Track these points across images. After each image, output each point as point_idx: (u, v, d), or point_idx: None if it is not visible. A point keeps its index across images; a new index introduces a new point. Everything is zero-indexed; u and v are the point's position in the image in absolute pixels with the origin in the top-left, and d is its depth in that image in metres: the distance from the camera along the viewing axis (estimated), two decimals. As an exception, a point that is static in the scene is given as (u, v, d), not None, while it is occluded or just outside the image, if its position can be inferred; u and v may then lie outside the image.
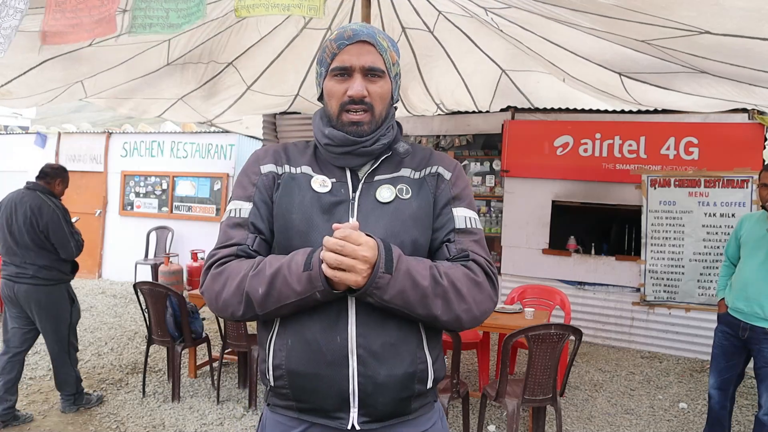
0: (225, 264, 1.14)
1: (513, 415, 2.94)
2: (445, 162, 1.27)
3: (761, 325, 2.84)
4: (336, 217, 1.15)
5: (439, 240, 1.19)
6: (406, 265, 1.06)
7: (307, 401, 1.13)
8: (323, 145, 1.21)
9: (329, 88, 1.19)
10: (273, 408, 1.20)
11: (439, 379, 1.20)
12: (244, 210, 1.20)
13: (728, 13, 2.09)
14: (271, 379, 1.16)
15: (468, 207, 1.23)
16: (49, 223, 3.46)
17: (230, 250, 1.16)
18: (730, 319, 3.01)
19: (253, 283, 1.08)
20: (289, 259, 1.08)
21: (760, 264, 2.86)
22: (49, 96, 4.16)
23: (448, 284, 1.08)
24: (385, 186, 1.19)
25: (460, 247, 1.17)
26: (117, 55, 3.75)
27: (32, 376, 4.30)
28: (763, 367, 2.86)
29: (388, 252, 1.05)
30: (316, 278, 1.03)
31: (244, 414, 3.71)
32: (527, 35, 3.71)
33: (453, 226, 1.19)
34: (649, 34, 2.65)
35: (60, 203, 3.62)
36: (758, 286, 2.84)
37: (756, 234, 2.95)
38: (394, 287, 1.04)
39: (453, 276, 1.10)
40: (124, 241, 8.51)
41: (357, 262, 1.01)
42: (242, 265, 1.12)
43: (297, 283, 1.05)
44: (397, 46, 1.25)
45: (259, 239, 1.18)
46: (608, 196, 5.61)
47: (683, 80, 3.44)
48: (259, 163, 1.25)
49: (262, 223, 1.19)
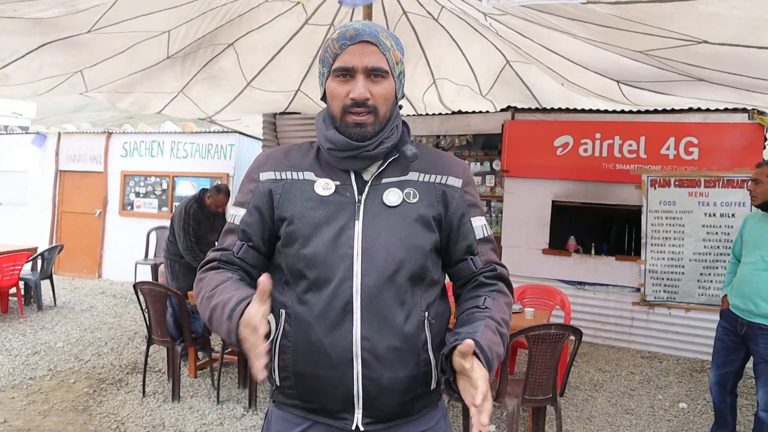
0: (207, 272, 1.20)
1: (513, 415, 2.94)
2: (454, 168, 1.25)
3: (756, 321, 2.90)
4: (341, 220, 1.14)
5: (462, 251, 1.22)
6: (495, 352, 1.08)
7: (312, 401, 1.14)
8: (326, 149, 1.20)
9: (332, 89, 1.17)
10: (279, 405, 1.21)
11: (442, 379, 1.20)
12: (238, 216, 1.22)
13: (726, 22, 2.09)
14: (277, 379, 1.17)
15: (481, 214, 1.26)
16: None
17: (217, 254, 1.21)
18: (730, 315, 3.09)
19: (203, 306, 1.13)
20: (228, 298, 1.07)
21: (755, 262, 2.94)
22: (48, 84, 4.11)
23: (505, 326, 1.15)
24: (392, 189, 1.17)
25: (486, 259, 1.22)
26: (115, 44, 3.74)
27: (32, 376, 4.30)
28: (760, 362, 2.91)
29: (486, 357, 1.05)
30: (231, 332, 1.03)
31: (244, 414, 3.70)
32: (525, 41, 3.72)
33: (474, 237, 1.22)
34: (646, 44, 2.64)
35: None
36: (753, 284, 2.92)
37: (755, 233, 3.03)
38: (491, 375, 1.06)
39: (504, 315, 1.17)
40: (124, 241, 8.50)
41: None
42: (214, 279, 1.16)
43: (222, 324, 1.05)
44: (402, 44, 1.23)
45: (246, 247, 1.20)
46: (608, 196, 5.60)
47: (681, 88, 3.44)
48: (260, 169, 1.25)
49: (250, 231, 1.20)
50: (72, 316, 6.20)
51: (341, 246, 1.11)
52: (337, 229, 1.13)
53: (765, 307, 2.86)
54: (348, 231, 1.12)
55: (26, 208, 9.29)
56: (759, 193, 2.95)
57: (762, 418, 2.94)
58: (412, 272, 1.13)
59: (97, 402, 3.85)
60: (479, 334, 1.07)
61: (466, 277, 1.23)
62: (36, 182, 9.20)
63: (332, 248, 1.12)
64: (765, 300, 2.86)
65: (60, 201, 9.10)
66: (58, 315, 6.24)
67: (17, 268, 5.97)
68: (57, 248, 6.71)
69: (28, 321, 5.92)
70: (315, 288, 1.12)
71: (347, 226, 1.13)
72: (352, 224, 1.13)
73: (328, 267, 1.11)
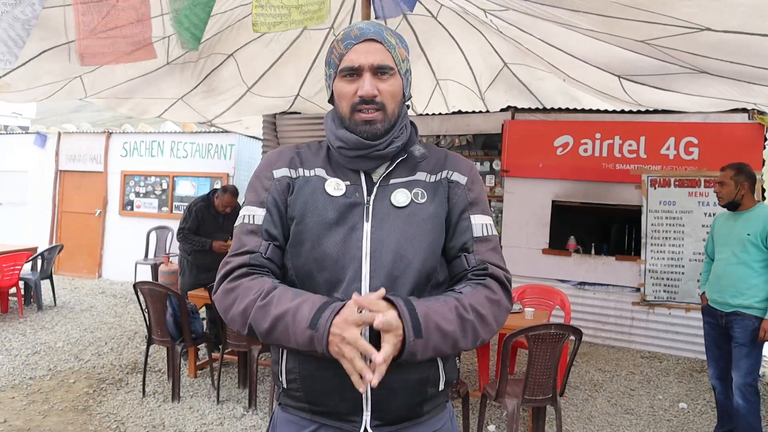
0: (237, 279, 1.12)
1: (513, 415, 2.93)
2: (461, 166, 1.24)
3: (732, 310, 3.13)
4: (350, 221, 1.13)
5: (456, 248, 1.18)
6: (434, 321, 1.02)
7: (320, 404, 1.12)
8: (336, 148, 1.19)
9: (339, 89, 1.16)
10: (285, 408, 1.19)
11: (450, 381, 1.20)
12: (258, 216, 1.17)
13: (730, 9, 2.09)
14: (284, 381, 1.16)
15: (484, 213, 1.21)
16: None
17: (243, 258, 1.14)
18: (711, 310, 3.30)
19: (257, 316, 1.06)
20: (296, 305, 1.03)
21: (727, 258, 3.18)
22: (47, 90, 4.12)
23: (475, 317, 1.08)
24: (400, 190, 1.16)
25: (480, 258, 1.16)
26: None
27: (32, 376, 4.30)
28: (735, 346, 3.12)
29: (413, 316, 1.00)
30: (319, 342, 0.99)
31: (244, 414, 3.70)
32: (526, 37, 3.72)
33: (471, 235, 1.18)
34: (649, 33, 2.64)
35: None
36: (727, 278, 3.16)
37: (723, 232, 3.28)
38: (427, 348, 1.02)
39: (477, 305, 1.09)
40: (124, 241, 8.51)
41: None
42: (252, 287, 1.09)
43: (299, 335, 1.01)
44: (406, 42, 1.22)
45: (272, 246, 1.16)
46: (608, 196, 5.60)
47: (683, 82, 3.44)
48: (272, 167, 1.22)
49: (275, 230, 1.17)
50: (72, 316, 6.20)
51: (351, 247, 1.10)
52: (347, 230, 1.12)
53: (740, 297, 3.09)
54: (357, 232, 1.12)
55: (26, 208, 9.29)
56: (725, 194, 3.18)
57: (738, 404, 3.07)
58: (419, 273, 1.12)
59: (97, 402, 3.85)
60: (423, 302, 1.04)
61: (458, 275, 1.18)
62: (36, 182, 9.21)
63: (342, 250, 1.10)
64: (739, 291, 3.09)
65: (60, 201, 9.11)
66: (58, 315, 6.24)
67: (17, 268, 5.97)
68: (57, 248, 6.71)
69: (28, 321, 5.92)
70: (324, 289, 1.10)
71: (356, 227, 1.12)
72: (361, 225, 1.12)
73: (339, 268, 1.10)
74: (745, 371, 3.06)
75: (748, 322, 3.04)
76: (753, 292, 3.03)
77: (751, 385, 3.05)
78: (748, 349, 3.05)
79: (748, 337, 3.04)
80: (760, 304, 3.01)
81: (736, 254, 3.11)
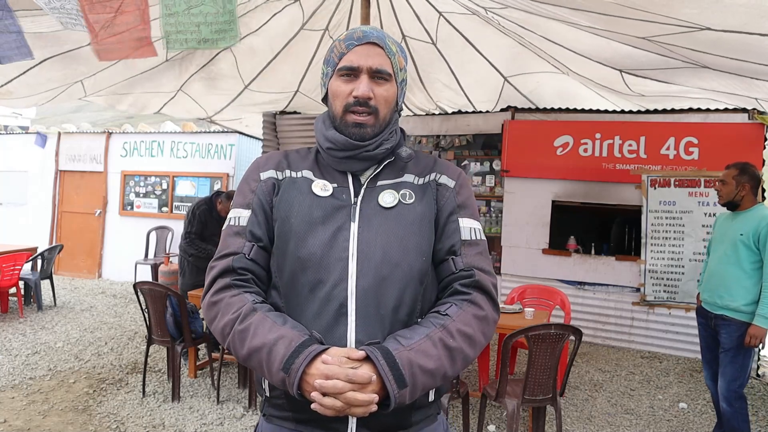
0: (221, 292, 1.12)
1: (513, 415, 2.93)
2: (449, 170, 1.24)
3: (720, 312, 3.09)
4: (337, 221, 1.12)
5: (444, 251, 1.16)
6: (417, 365, 1.00)
7: (303, 412, 1.08)
8: (325, 149, 1.19)
9: (335, 87, 1.17)
10: (269, 418, 1.17)
11: (442, 392, 1.18)
12: (243, 218, 1.18)
13: (729, 9, 2.09)
14: (266, 389, 1.14)
15: (472, 217, 1.20)
16: None
17: (226, 261, 1.14)
18: (703, 311, 3.27)
19: (235, 340, 1.06)
20: (273, 341, 1.02)
21: (719, 258, 3.14)
22: (48, 95, 4.18)
23: (462, 341, 1.07)
24: (387, 191, 1.16)
25: (467, 262, 1.15)
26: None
27: (32, 376, 4.30)
28: (721, 352, 3.07)
29: (394, 367, 0.98)
30: (291, 387, 0.99)
31: (244, 414, 3.70)
32: (527, 33, 3.72)
33: (459, 237, 1.17)
34: (649, 31, 2.65)
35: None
36: (717, 278, 3.12)
37: (720, 231, 3.25)
38: (415, 392, 1.01)
39: (464, 326, 1.08)
40: (124, 241, 8.51)
41: (357, 399, 0.96)
42: (233, 304, 1.09)
43: (273, 374, 1.02)
44: (405, 52, 1.24)
45: (256, 247, 1.16)
46: (608, 196, 5.60)
47: (684, 76, 3.44)
48: (259, 170, 1.23)
49: (259, 230, 1.17)
50: (72, 316, 6.20)
51: (337, 248, 1.09)
52: (333, 230, 1.11)
53: (728, 299, 3.03)
54: (344, 232, 1.11)
55: (26, 208, 9.29)
56: (725, 193, 3.14)
57: (724, 409, 3.05)
58: (407, 274, 1.10)
59: (97, 402, 3.85)
60: (405, 342, 1.02)
61: (445, 279, 1.16)
62: (36, 182, 9.21)
63: (328, 249, 1.09)
64: (728, 292, 3.03)
65: (60, 201, 9.11)
66: (58, 315, 6.24)
67: (17, 268, 5.97)
68: (57, 248, 6.71)
69: (28, 321, 5.92)
70: (308, 290, 1.09)
71: (343, 227, 1.11)
72: (347, 225, 1.11)
73: (323, 268, 1.09)
74: (730, 378, 3.01)
75: (734, 327, 2.99)
76: (742, 293, 2.97)
77: (736, 392, 3.00)
78: (732, 355, 3.00)
79: (734, 343, 2.99)
80: (748, 307, 2.95)
81: (728, 254, 3.07)
